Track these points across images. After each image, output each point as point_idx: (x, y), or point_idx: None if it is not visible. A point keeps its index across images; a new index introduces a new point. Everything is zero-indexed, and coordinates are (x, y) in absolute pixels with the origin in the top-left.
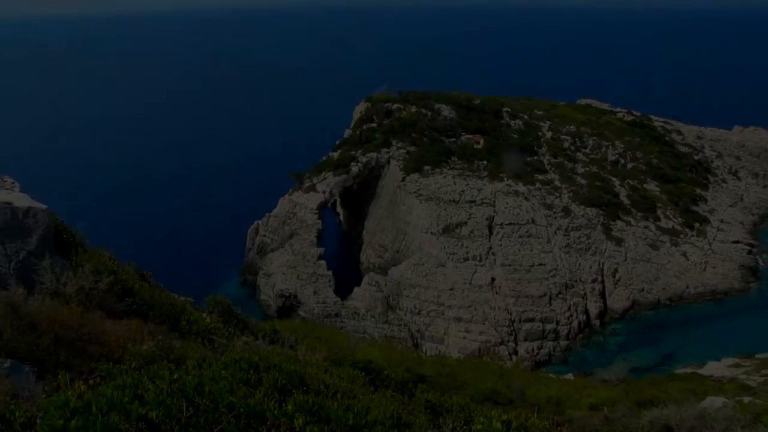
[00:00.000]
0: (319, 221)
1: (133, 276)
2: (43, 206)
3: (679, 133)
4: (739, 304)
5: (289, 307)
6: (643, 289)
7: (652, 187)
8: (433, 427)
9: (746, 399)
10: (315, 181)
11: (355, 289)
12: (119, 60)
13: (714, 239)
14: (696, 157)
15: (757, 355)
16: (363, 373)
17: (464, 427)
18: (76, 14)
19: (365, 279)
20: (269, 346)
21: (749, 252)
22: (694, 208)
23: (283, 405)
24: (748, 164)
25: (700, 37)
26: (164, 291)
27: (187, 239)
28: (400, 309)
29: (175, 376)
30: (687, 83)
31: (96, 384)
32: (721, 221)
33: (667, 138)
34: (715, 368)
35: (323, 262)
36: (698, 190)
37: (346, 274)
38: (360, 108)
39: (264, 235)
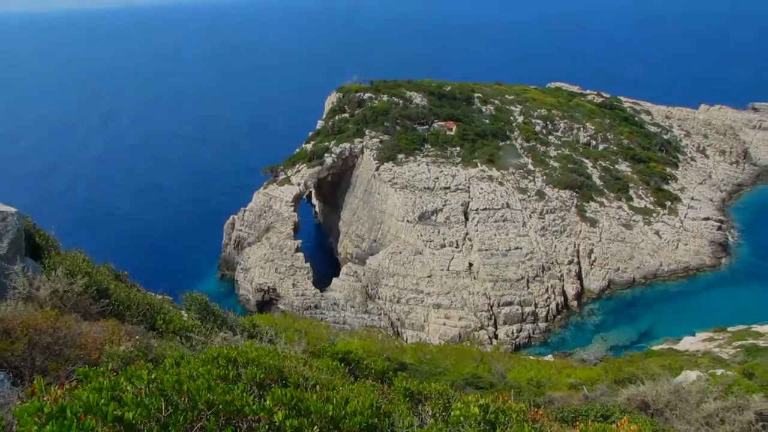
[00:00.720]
0: (295, 213)
1: (108, 276)
2: (13, 209)
3: (648, 113)
4: (710, 279)
5: (268, 300)
6: (618, 269)
7: (623, 167)
8: (413, 414)
9: (719, 371)
10: (289, 174)
11: (334, 280)
12: (90, 56)
13: (685, 217)
14: (665, 137)
15: (729, 328)
16: (342, 364)
17: (443, 413)
18: (27, 13)
19: (343, 269)
20: (248, 341)
21: (719, 228)
22: (665, 186)
23: (263, 400)
24: (715, 142)
25: (659, 21)
26: (141, 290)
27: (162, 237)
28: (379, 298)
29: (153, 376)
30: (654, 64)
31: (73, 388)
32: (692, 199)
33: (636, 118)
34: (690, 343)
35: (301, 254)
36: (668, 169)
37: (324, 266)
38: (331, 98)
39: (240, 230)
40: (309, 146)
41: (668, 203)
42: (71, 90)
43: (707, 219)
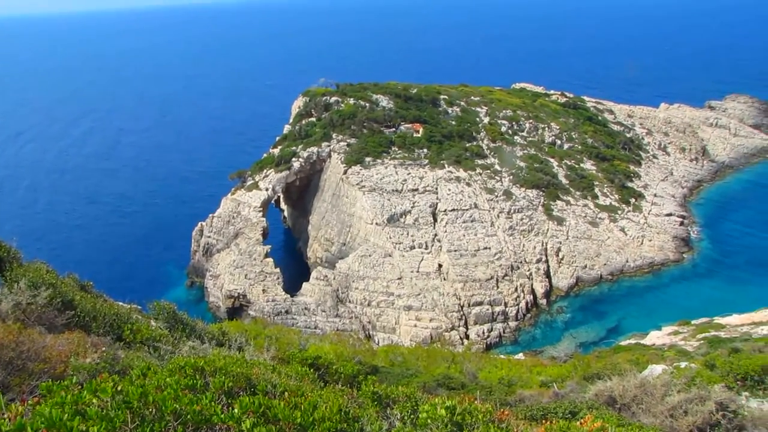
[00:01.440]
0: (264, 219)
1: (73, 288)
2: None
3: (611, 112)
4: (674, 273)
5: (238, 307)
6: (585, 266)
7: (588, 166)
8: (382, 418)
9: (683, 364)
10: (257, 179)
11: (304, 284)
12: (47, 62)
13: (649, 213)
14: (628, 135)
15: (693, 321)
16: (312, 370)
17: (411, 415)
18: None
19: (313, 274)
20: (216, 349)
21: (681, 224)
22: (629, 184)
23: (231, 408)
24: (675, 139)
25: (625, 21)
26: (107, 300)
27: (128, 246)
28: (350, 301)
29: (119, 388)
30: (616, 64)
31: (35, 403)
32: (655, 195)
33: (599, 117)
34: (656, 337)
35: (270, 259)
36: (632, 167)
37: (294, 270)
38: (298, 103)
39: (209, 236)
40: (276, 151)
41: (632, 200)
42: (31, 96)
43: (670, 215)
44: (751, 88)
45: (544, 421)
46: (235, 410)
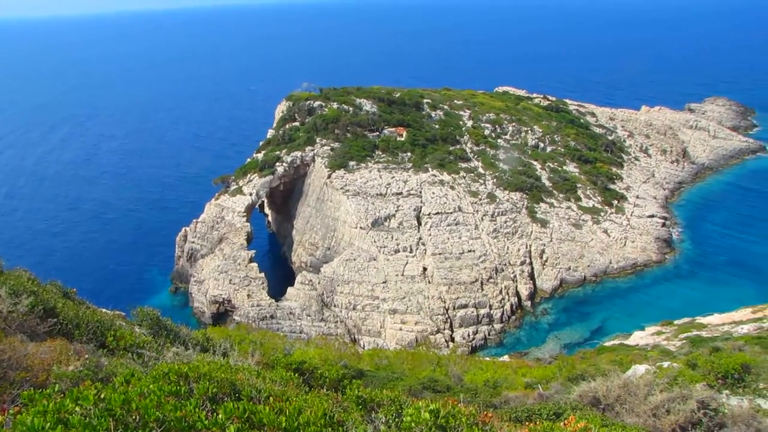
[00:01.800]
0: (248, 224)
1: (55, 295)
2: None
3: (593, 115)
4: (657, 274)
5: (223, 312)
6: (569, 268)
7: (571, 168)
8: (366, 422)
9: (666, 363)
10: (241, 184)
11: (289, 289)
12: (30, 66)
13: (631, 215)
14: (610, 138)
15: (675, 321)
16: (296, 375)
17: (396, 419)
18: None
19: (298, 278)
20: (200, 355)
21: (663, 225)
22: (612, 186)
23: (215, 414)
24: (656, 142)
25: (606, 25)
26: (90, 307)
27: (112, 253)
28: (335, 306)
29: (102, 395)
30: (597, 67)
31: (17, 412)
32: (637, 197)
33: (582, 120)
34: (640, 337)
35: (255, 264)
36: (614, 169)
37: (279, 275)
38: (281, 107)
39: (193, 242)
40: (260, 156)
41: (615, 202)
42: (12, 100)
43: (652, 216)
44: (728, 91)
45: (528, 423)
46: (220, 416)
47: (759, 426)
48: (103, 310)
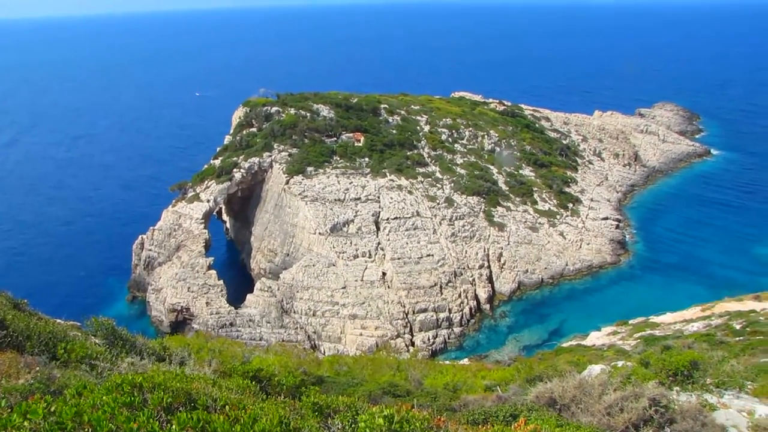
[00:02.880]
0: (206, 231)
1: (5, 306)
2: None
3: (548, 119)
4: (612, 275)
5: (182, 321)
6: (527, 271)
7: (527, 172)
8: (323, 428)
9: (620, 363)
10: (198, 191)
11: (248, 296)
12: None
13: (586, 217)
14: (564, 142)
15: (630, 321)
16: (253, 382)
17: (352, 425)
18: None
19: (257, 285)
20: (156, 364)
21: (617, 227)
22: (567, 189)
23: (169, 424)
24: (609, 146)
25: (557, 34)
26: (43, 318)
27: (66, 262)
28: (294, 312)
29: (53, 408)
30: (551, 73)
31: None
32: (591, 200)
33: (537, 125)
34: (596, 338)
35: (213, 271)
36: (569, 173)
37: (238, 282)
38: (238, 113)
39: (150, 249)
40: (217, 162)
41: (570, 205)
42: None
43: (606, 219)
44: (675, 96)
45: (484, 425)
46: (174, 426)
47: (705, 420)
48: (57, 320)
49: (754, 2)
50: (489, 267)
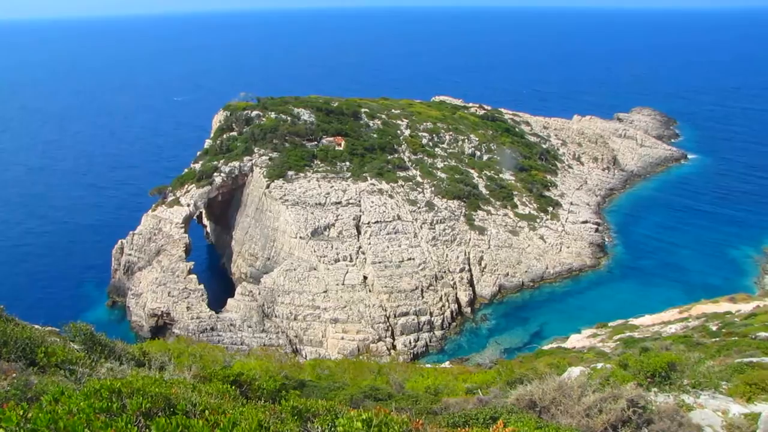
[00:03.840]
0: (186, 235)
1: None
2: None
3: (528, 123)
4: (592, 278)
5: (162, 326)
6: (507, 274)
7: (507, 176)
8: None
9: (599, 365)
10: (178, 195)
11: (229, 300)
12: None
13: (566, 221)
14: (544, 146)
15: (610, 323)
16: (234, 387)
17: (332, 429)
18: None
19: (238, 289)
20: (135, 370)
21: (597, 230)
22: (547, 193)
23: (147, 430)
24: (588, 150)
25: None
26: (19, 324)
27: (45, 268)
28: (276, 316)
29: (29, 415)
30: (530, 79)
31: None
32: (571, 204)
33: (517, 129)
34: (577, 340)
35: (194, 276)
36: (549, 177)
37: (219, 287)
38: (218, 117)
39: (130, 254)
40: (197, 166)
41: (550, 209)
42: None
43: (586, 222)
44: (652, 101)
45: (463, 428)
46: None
47: (681, 420)
48: (35, 326)
49: (735, 10)
50: (470, 270)
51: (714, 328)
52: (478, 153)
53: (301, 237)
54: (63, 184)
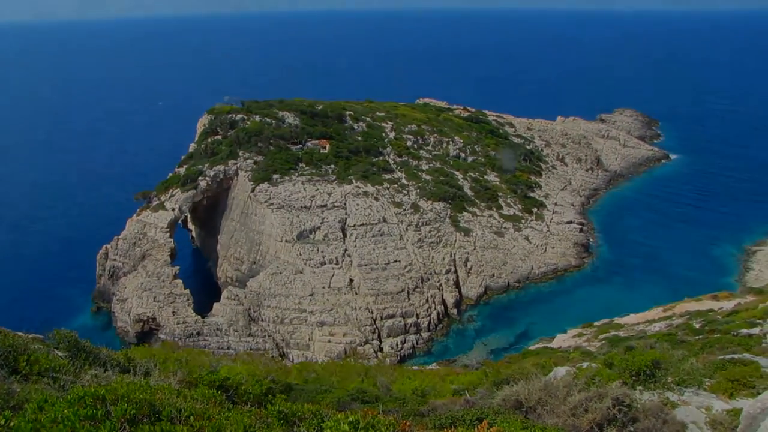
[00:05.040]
0: (171, 239)
1: None
2: None
3: (511, 125)
4: (577, 278)
5: (148, 331)
6: (493, 275)
7: (492, 177)
8: None
9: (585, 364)
10: (163, 199)
11: (215, 305)
12: None
13: (551, 222)
14: (528, 147)
15: (595, 323)
16: (219, 392)
17: None
18: None
19: (224, 294)
20: (120, 376)
21: (581, 230)
22: (531, 194)
23: None
24: (572, 151)
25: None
26: (2, 331)
27: (28, 274)
28: (262, 320)
29: (11, 424)
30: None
31: None
32: (555, 204)
33: (501, 131)
34: (562, 340)
35: (179, 281)
36: (533, 178)
37: (205, 291)
38: (203, 120)
39: (114, 259)
40: (182, 170)
41: (535, 209)
42: None
43: (570, 222)
44: (634, 102)
45: (450, 429)
46: None
47: (666, 417)
48: (18, 333)
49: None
50: (456, 272)
51: (697, 326)
52: (462, 155)
53: (286, 240)
54: (46, 184)
